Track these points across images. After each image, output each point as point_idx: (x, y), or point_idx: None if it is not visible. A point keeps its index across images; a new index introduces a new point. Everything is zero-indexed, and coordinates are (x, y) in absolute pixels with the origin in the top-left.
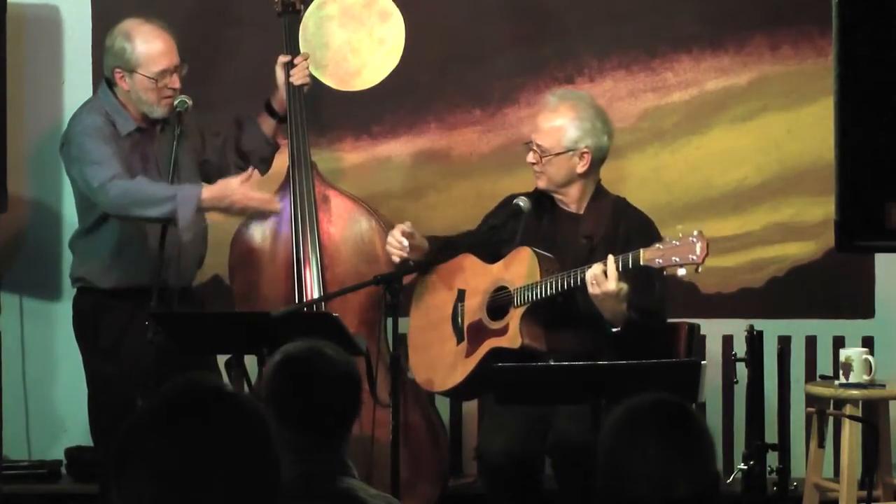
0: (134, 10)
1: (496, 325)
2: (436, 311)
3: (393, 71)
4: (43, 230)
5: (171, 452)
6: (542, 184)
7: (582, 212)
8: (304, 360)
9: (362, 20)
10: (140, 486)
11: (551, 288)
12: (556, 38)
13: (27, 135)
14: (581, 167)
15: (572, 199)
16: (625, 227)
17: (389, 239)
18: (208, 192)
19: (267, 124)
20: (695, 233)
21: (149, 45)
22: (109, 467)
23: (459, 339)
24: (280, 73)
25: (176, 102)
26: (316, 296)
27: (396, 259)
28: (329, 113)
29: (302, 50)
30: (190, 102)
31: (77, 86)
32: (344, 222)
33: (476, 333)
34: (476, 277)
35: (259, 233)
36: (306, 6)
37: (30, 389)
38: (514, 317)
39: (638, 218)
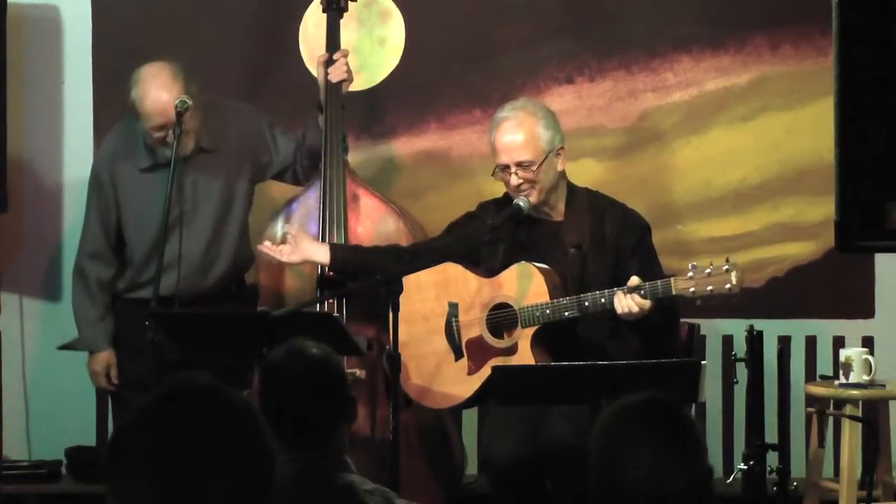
0: (132, 9)
1: (501, 344)
2: (423, 322)
3: (393, 71)
4: (43, 230)
5: (165, 451)
6: (533, 199)
7: (562, 217)
8: (280, 362)
9: (362, 20)
10: (134, 485)
11: (567, 311)
12: (556, 38)
13: (27, 135)
14: (560, 164)
15: (553, 206)
16: (611, 227)
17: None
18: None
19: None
20: (727, 261)
21: (146, 99)
22: (104, 467)
23: (458, 356)
24: (320, 71)
25: (176, 102)
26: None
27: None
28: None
29: (311, 49)
30: (190, 102)
31: (77, 86)
32: (372, 222)
33: (478, 351)
34: (468, 291)
35: (287, 229)
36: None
37: (30, 389)
38: (524, 337)
39: (621, 215)
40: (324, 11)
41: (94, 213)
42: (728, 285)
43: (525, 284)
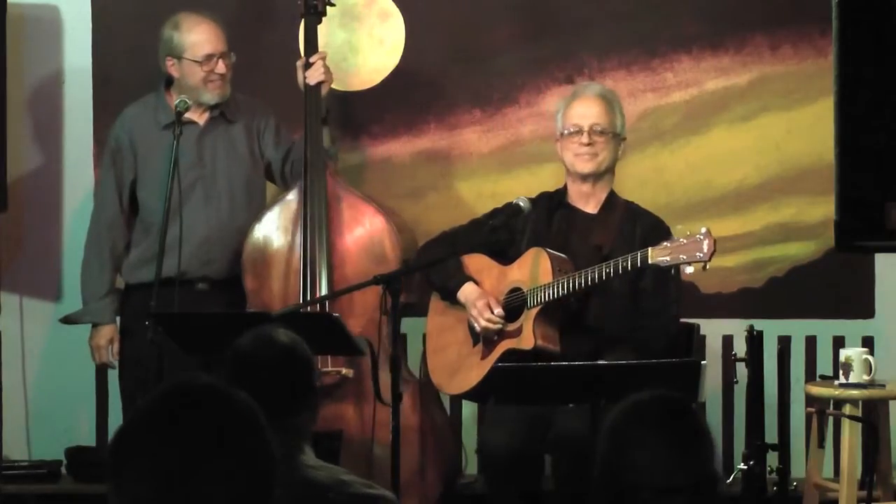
0: (132, 9)
1: (511, 327)
2: (452, 313)
3: (393, 71)
4: (43, 230)
5: (167, 452)
6: (590, 167)
7: (596, 211)
8: (248, 347)
9: (362, 20)
10: (136, 485)
11: (563, 288)
12: (556, 38)
13: (27, 135)
14: (618, 155)
15: (594, 194)
16: (641, 229)
17: (485, 323)
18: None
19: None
20: (703, 230)
21: (193, 31)
22: (107, 467)
23: (475, 342)
24: (299, 75)
25: (176, 102)
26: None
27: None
28: (329, 113)
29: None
30: (190, 102)
31: (77, 86)
32: (355, 223)
33: (491, 335)
34: (490, 279)
35: (273, 230)
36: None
37: (30, 389)
38: (528, 318)
39: (651, 218)
40: (301, 16)
41: (110, 180)
42: (699, 253)
43: (535, 268)
